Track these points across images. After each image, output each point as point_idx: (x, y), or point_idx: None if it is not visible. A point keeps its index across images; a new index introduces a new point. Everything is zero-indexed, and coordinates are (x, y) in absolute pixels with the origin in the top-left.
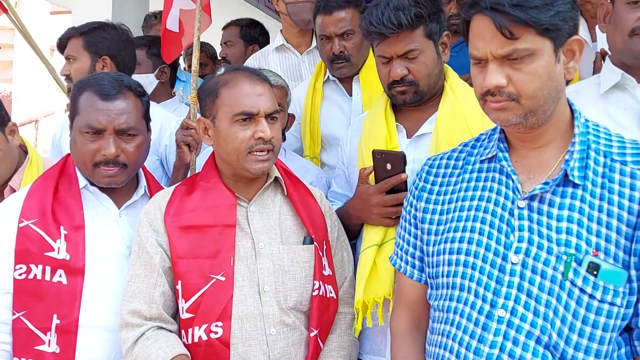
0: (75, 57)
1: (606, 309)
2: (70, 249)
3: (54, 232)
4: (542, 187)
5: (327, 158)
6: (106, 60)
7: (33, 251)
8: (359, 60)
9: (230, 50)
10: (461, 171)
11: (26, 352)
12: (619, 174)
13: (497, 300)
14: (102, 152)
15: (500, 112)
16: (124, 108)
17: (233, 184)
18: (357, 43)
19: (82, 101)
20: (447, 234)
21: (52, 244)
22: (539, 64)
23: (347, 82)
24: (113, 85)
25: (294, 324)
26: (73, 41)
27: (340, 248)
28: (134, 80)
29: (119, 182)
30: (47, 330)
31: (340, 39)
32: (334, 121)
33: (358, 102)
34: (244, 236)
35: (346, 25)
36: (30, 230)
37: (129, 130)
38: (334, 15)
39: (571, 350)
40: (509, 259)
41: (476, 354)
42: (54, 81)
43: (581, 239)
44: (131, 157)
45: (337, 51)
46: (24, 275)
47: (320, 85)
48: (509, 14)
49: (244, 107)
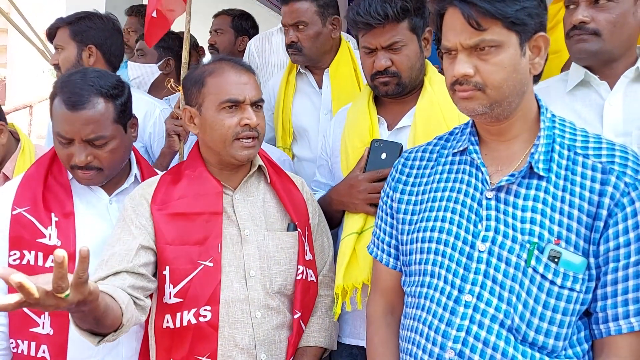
0: (62, 47)
1: (566, 294)
2: (61, 235)
3: (45, 219)
4: (508, 179)
5: (298, 150)
6: (92, 49)
7: (26, 238)
8: (312, 52)
9: (219, 38)
10: (435, 163)
11: (22, 334)
12: (581, 167)
13: (465, 286)
14: (74, 159)
15: (467, 101)
16: (91, 117)
17: (218, 172)
18: (310, 35)
19: (54, 107)
20: (420, 224)
21: (44, 230)
22: (505, 56)
23: (317, 75)
24: (82, 92)
25: (278, 308)
26: (60, 31)
27: (321, 233)
28: (108, 82)
29: (98, 183)
30: (41, 313)
31: (293, 29)
32: (305, 114)
33: (327, 95)
34: (230, 223)
35: (299, 16)
36: (23, 217)
37: (96, 139)
38: (289, 5)
39: (532, 332)
40: (477, 246)
41: (444, 336)
42: (50, 66)
43: (544, 228)
44: (105, 161)
45: (289, 41)
46: (18, 260)
47: (293, 77)
48: (477, 5)
49: (230, 94)
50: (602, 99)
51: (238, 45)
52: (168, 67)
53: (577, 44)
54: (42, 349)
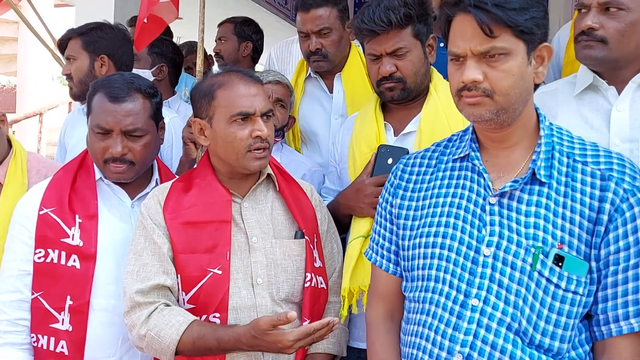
0: (74, 57)
1: (570, 297)
2: (84, 236)
3: (70, 220)
4: (512, 185)
5: (307, 154)
6: (104, 59)
7: (50, 237)
8: (336, 57)
9: (223, 46)
10: (435, 169)
11: (42, 329)
12: (580, 174)
13: (471, 290)
14: (110, 151)
15: (475, 107)
16: (131, 110)
17: (227, 180)
18: (334, 40)
19: (94, 102)
20: (422, 229)
21: (67, 230)
22: (513, 63)
23: (328, 79)
24: (123, 87)
25: None
26: (72, 42)
27: (330, 240)
28: (145, 82)
29: (127, 178)
30: (61, 310)
31: (317, 36)
32: (314, 118)
33: (339, 100)
34: (238, 231)
35: (323, 23)
36: (49, 217)
37: (134, 131)
38: (311, 12)
39: (539, 335)
40: (482, 251)
41: (452, 340)
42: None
43: (547, 233)
44: (138, 155)
45: (314, 48)
46: (42, 258)
47: (302, 80)
48: (491, 12)
49: (241, 107)
50: (610, 104)
51: (242, 51)
52: (161, 74)
53: (583, 50)
54: (60, 344)
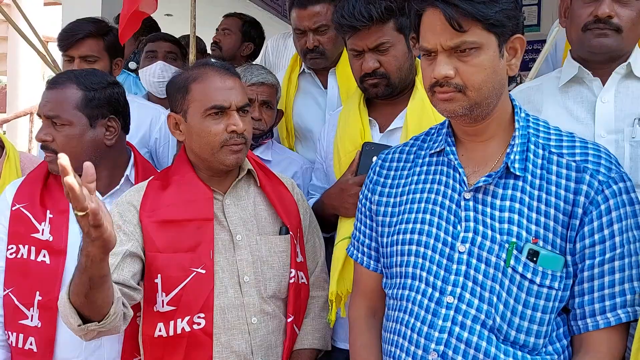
0: (97, 58)
1: (545, 292)
2: (54, 231)
3: (40, 215)
4: (486, 180)
5: (303, 151)
6: (119, 62)
7: (21, 232)
8: (333, 54)
9: (225, 38)
10: (412, 164)
11: (13, 326)
12: (556, 166)
13: (446, 287)
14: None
15: (448, 102)
16: (51, 98)
17: (207, 177)
18: (331, 37)
19: None
20: (399, 226)
21: (38, 225)
22: (485, 57)
23: (322, 75)
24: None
25: (274, 312)
26: (92, 42)
27: (312, 234)
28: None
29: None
30: (30, 306)
31: (314, 33)
32: (309, 114)
33: (333, 95)
34: (222, 229)
35: (320, 20)
36: (21, 212)
37: (54, 117)
38: (308, 9)
39: (513, 332)
40: (457, 248)
41: (427, 338)
42: (53, 73)
43: (522, 228)
44: (60, 146)
45: (312, 45)
46: (14, 254)
47: (295, 76)
48: (459, 6)
49: (215, 101)
50: (595, 95)
51: (242, 51)
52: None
53: (597, 38)
54: (29, 341)
